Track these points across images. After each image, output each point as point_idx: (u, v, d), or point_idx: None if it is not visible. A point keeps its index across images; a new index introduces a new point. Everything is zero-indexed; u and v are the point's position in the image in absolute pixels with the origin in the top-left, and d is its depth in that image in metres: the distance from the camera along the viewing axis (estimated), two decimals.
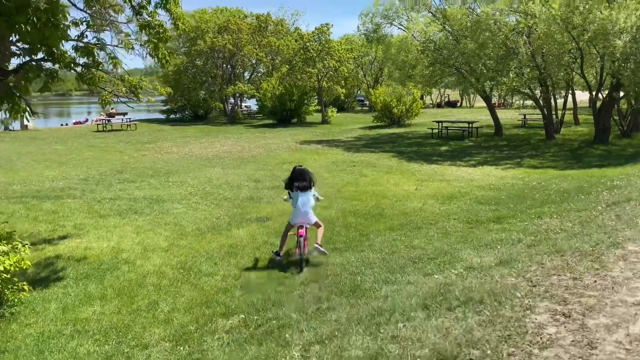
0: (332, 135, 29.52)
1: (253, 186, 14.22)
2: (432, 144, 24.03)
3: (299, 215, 7.88)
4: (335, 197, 12.84)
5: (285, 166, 17.61)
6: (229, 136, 28.88)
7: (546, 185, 13.50)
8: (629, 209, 7.29)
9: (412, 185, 14.50)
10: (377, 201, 12.36)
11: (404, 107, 34.05)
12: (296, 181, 7.95)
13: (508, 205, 11.20)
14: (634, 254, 5.00)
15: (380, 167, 17.76)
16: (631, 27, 16.64)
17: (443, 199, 12.56)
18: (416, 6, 24.49)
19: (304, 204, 7.87)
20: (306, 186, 7.92)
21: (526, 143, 23.59)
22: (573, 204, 9.81)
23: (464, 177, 15.81)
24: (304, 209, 7.86)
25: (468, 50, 20.76)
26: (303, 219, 7.89)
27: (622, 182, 11.42)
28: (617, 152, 19.45)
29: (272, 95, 36.80)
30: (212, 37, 38.23)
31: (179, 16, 7.17)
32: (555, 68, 20.75)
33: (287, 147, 23.49)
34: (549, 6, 18.09)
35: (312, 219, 8.00)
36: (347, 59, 36.95)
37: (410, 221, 10.30)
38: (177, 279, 7.35)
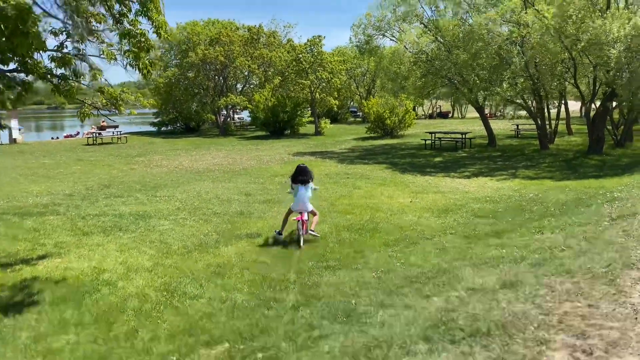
0: (326, 146, 29.21)
1: (244, 200, 13.80)
2: (425, 155, 23.75)
3: (299, 203, 9.81)
4: (329, 211, 12.45)
5: (277, 179, 17.25)
6: (220, 148, 28.48)
7: (544, 197, 13.19)
8: (636, 223, 6.96)
9: (406, 197, 14.15)
10: (371, 215, 11.99)
11: (396, 119, 33.86)
12: (299, 175, 9.89)
13: (506, 219, 10.86)
14: None
15: (374, 179, 17.42)
16: (625, 36, 16.48)
17: (439, 212, 12.21)
18: (408, 17, 24.32)
19: (303, 194, 9.81)
20: (306, 180, 9.87)
21: (520, 153, 23.36)
22: (574, 217, 9.47)
23: (459, 188, 15.49)
24: (303, 199, 9.78)
25: (460, 60, 20.55)
26: (302, 206, 9.81)
27: (623, 193, 11.12)
28: (612, 162, 19.23)
29: (265, 107, 36.50)
30: (204, 49, 37.96)
31: (161, 24, 6.80)
32: (548, 78, 20.58)
33: (279, 159, 23.12)
34: (542, 16, 17.93)
35: (309, 207, 9.90)
36: (340, 71, 36.77)
37: (406, 236, 9.92)
38: (160, 302, 6.91)
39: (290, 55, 36.59)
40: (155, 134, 41.03)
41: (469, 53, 19.66)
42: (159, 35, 6.95)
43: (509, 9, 18.49)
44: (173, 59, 43.74)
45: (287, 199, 13.83)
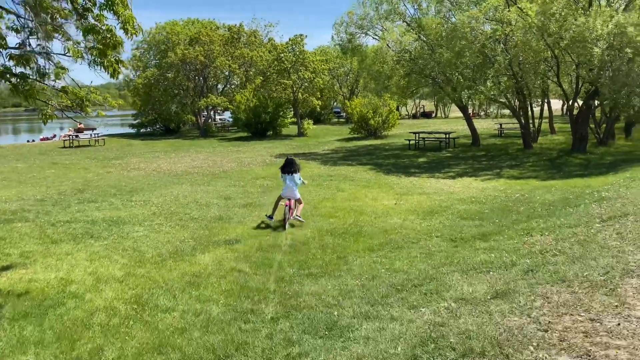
0: (309, 148, 28.82)
1: (223, 204, 13.34)
2: (409, 156, 23.50)
3: (287, 191, 11.13)
4: (312, 214, 12.06)
5: (259, 182, 16.81)
6: (200, 150, 27.91)
7: (530, 197, 12.97)
8: (629, 225, 6.70)
9: (391, 199, 13.83)
10: (355, 218, 11.63)
11: (380, 119, 33.61)
12: (287, 167, 11.21)
13: (493, 220, 10.58)
14: None
15: (358, 180, 17.08)
16: (608, 34, 16.38)
17: (424, 214, 11.90)
18: (391, 16, 24.05)
19: (291, 184, 11.09)
20: (293, 171, 11.18)
21: (504, 153, 23.24)
22: (563, 218, 9.22)
23: (444, 189, 15.23)
24: (291, 187, 11.08)
25: (444, 59, 20.33)
26: (290, 194, 11.12)
27: (610, 193, 10.92)
28: (596, 161, 19.17)
29: (246, 108, 35.97)
30: (183, 49, 37.29)
31: (128, 19, 6.34)
32: (531, 76, 20.46)
33: (261, 161, 22.66)
34: (525, 14, 17.76)
35: (296, 195, 11.21)
36: (322, 70, 36.39)
37: (391, 240, 9.58)
38: (129, 316, 6.44)
39: (271, 55, 36.11)
40: (134, 136, 40.20)
41: (452, 52, 19.44)
42: (125, 31, 6.49)
43: (491, 7, 18.31)
44: (152, 59, 42.93)
45: (268, 203, 13.44)
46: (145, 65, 42.45)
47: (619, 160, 18.78)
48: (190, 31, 40.21)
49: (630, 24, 16.11)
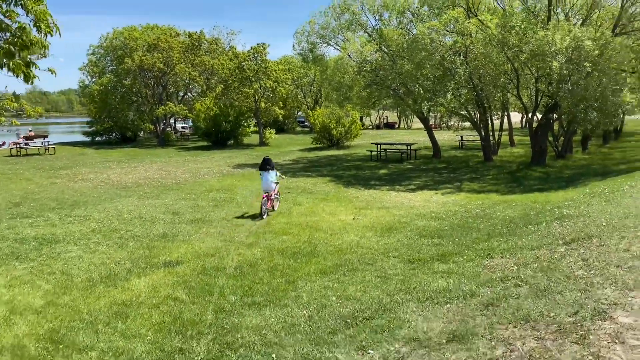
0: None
1: (170, 220, 12.46)
2: (370, 167, 23.06)
3: (265, 185, 13.17)
4: (264, 231, 11.35)
5: (212, 194, 15.97)
6: (155, 160, 26.77)
7: (490, 213, 12.62)
8: (594, 249, 6.28)
9: (349, 214, 13.25)
10: (310, 235, 10.98)
11: (343, 129, 33.20)
12: (264, 164, 13.35)
13: (452, 239, 10.11)
14: (630, 331, 3.82)
15: (317, 193, 16.46)
16: (566, 48, 16.37)
17: (382, 230, 11.35)
18: (352, 26, 23.69)
19: (267, 179, 13.16)
20: (270, 168, 13.30)
21: (465, 165, 23.09)
22: (524, 238, 8.80)
23: (404, 203, 14.76)
24: (268, 182, 13.13)
25: (405, 70, 20.02)
26: (267, 187, 13.13)
27: (571, 210, 10.63)
28: (555, 175, 19.15)
29: (206, 116, 34.97)
30: (141, 55, 36.02)
31: (40, 15, 5.54)
32: (491, 89, 20.38)
33: (218, 171, 21.78)
34: (485, 26, 17.63)
35: (272, 187, 13.30)
36: (285, 80, 35.77)
37: (346, 261, 8.96)
38: (39, 357, 5.58)
39: (232, 63, 35.27)
40: (88, 145, 38.51)
41: (412, 63, 19.15)
42: (38, 29, 5.66)
43: (452, 19, 18.12)
44: (109, 65, 41.40)
45: (218, 218, 12.65)
46: (101, 71, 40.87)
47: (577, 173, 18.80)
48: (149, 37, 38.94)
49: (587, 38, 16.15)
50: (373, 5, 22.57)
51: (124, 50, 38.24)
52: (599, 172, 18.40)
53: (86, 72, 42.86)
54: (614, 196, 11.24)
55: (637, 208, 8.72)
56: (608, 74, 17.03)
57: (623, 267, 5.35)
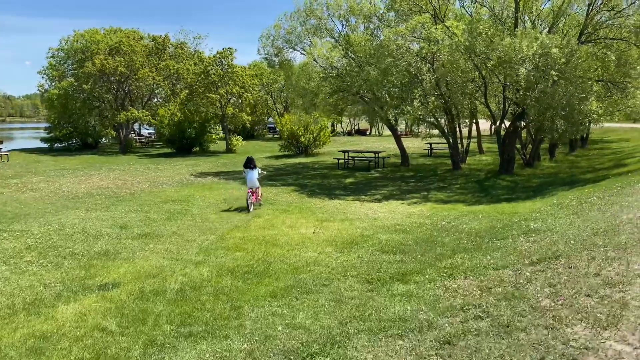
0: (235, 165, 27.18)
1: (115, 235, 11.56)
2: (337, 176, 22.46)
3: (250, 182, 14.60)
4: (216, 247, 10.58)
5: (167, 206, 15.08)
6: (114, 168, 25.60)
7: (456, 225, 12.12)
8: (562, 272, 5.75)
9: (310, 227, 12.58)
10: (265, 251, 10.27)
11: (311, 136, 32.60)
12: (249, 163, 14.81)
13: (415, 255, 9.53)
14: None
15: (279, 204, 15.74)
16: (533, 55, 16.11)
17: (343, 245, 10.71)
18: (319, 31, 23.12)
19: (252, 176, 14.61)
20: (253, 166, 14.76)
21: (433, 174, 22.72)
22: (489, 254, 8.28)
23: (368, 215, 14.18)
24: (252, 179, 14.58)
25: (371, 77, 19.52)
26: (252, 184, 14.57)
27: (538, 223, 10.19)
28: (523, 183, 18.89)
29: (170, 122, 33.89)
30: (103, 59, 34.70)
31: None
32: (459, 97, 20.05)
33: (177, 180, 20.83)
34: (452, 32, 17.27)
35: (257, 184, 14.72)
36: (251, 85, 34.98)
37: (300, 282, 8.27)
38: None
39: (198, 68, 34.31)
40: (47, 152, 36.90)
41: (378, 69, 18.67)
42: None
43: (418, 24, 17.72)
44: (69, 69, 39.89)
45: (168, 233, 11.80)
46: (61, 75, 39.33)
47: (545, 183, 18.58)
48: (112, 40, 37.64)
49: (554, 46, 15.92)
50: (338, 10, 22.05)
51: (84, 53, 36.87)
52: (566, 181, 18.21)
53: (45, 75, 41.30)
54: (581, 208, 10.87)
55: (605, 223, 8.29)
56: (574, 82, 16.85)
57: (594, 296, 4.82)
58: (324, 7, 22.07)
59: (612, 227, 7.78)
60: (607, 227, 7.89)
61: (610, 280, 5.15)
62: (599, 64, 17.61)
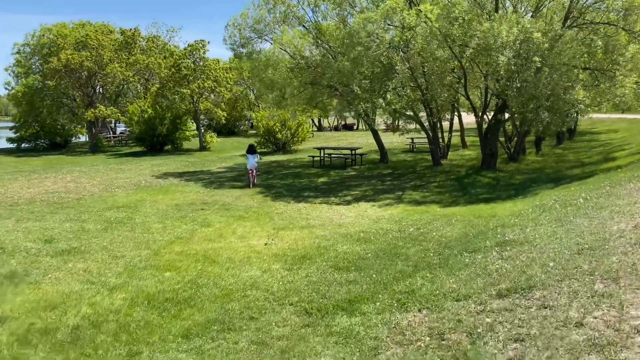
0: (204, 165, 25.67)
1: (35, 251, 10.05)
2: (310, 175, 21.00)
3: (250, 165, 17.98)
4: (144, 266, 9.12)
5: (109, 214, 13.55)
6: (74, 169, 23.96)
7: (426, 232, 10.73)
8: (534, 314, 4.33)
9: (263, 237, 11.15)
10: (201, 270, 8.84)
11: (289, 132, 31.07)
12: (250, 149, 18.43)
13: (372, 272, 8.13)
14: None
15: (236, 209, 14.27)
16: (514, 41, 14.71)
17: (293, 260, 9.30)
18: (288, 19, 21.56)
19: (252, 160, 18.01)
20: (254, 151, 18.46)
21: (412, 171, 21.32)
22: (454, 274, 6.90)
23: (333, 220, 12.76)
24: (252, 162, 17.97)
25: (343, 68, 18.03)
26: (251, 167, 17.95)
27: (515, 231, 8.81)
28: (505, 180, 17.55)
29: (140, 119, 32.24)
30: (69, 54, 32.87)
31: None
32: (437, 88, 18.62)
33: (135, 183, 19.26)
34: (425, 17, 15.82)
35: (256, 166, 18.27)
36: (225, 79, 33.34)
37: (226, 313, 6.86)
38: None
39: (167, 61, 32.64)
40: (12, 152, 35.12)
41: (348, 59, 17.20)
42: None
43: (390, 10, 16.22)
44: (36, 65, 38.06)
45: (97, 248, 10.30)
46: (26, 72, 37.50)
47: (528, 179, 17.24)
48: (81, 34, 35.82)
49: (536, 30, 14.53)
50: None
51: (49, 48, 35.07)
52: (551, 178, 16.89)
53: (12, 72, 39.47)
54: (565, 213, 9.50)
55: (592, 235, 6.92)
56: (559, 70, 15.48)
57: None
58: None
59: (600, 242, 6.41)
60: (594, 242, 6.52)
61: (598, 337, 3.77)
62: (585, 50, 16.24)
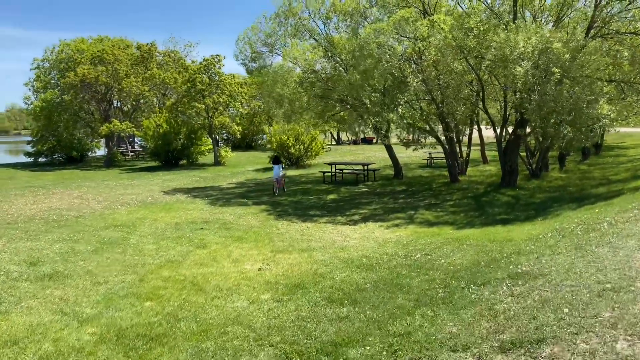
0: (215, 180, 25.19)
1: (16, 275, 9.51)
2: (320, 191, 20.26)
3: (275, 175, 19.62)
4: (125, 294, 8.47)
5: (105, 233, 13.02)
6: (84, 185, 23.70)
7: (433, 258, 9.86)
8: None
9: (259, 261, 10.44)
10: (184, 299, 8.15)
11: (302, 147, 30.48)
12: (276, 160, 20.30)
13: (367, 307, 7.33)
14: None
15: (236, 229, 13.60)
16: (532, 51, 13.82)
17: (286, 289, 8.54)
18: (299, 32, 21.04)
19: (277, 170, 19.56)
20: (278, 162, 20.10)
21: (427, 188, 20.40)
22: (457, 314, 6.06)
23: (336, 242, 11.98)
24: (277, 172, 19.52)
25: (354, 80, 17.34)
26: (276, 177, 19.53)
27: (530, 261, 7.91)
28: (525, 199, 16.53)
29: (155, 134, 32.05)
30: (86, 69, 33.02)
31: None
32: (453, 102, 17.75)
33: (141, 199, 18.80)
34: (439, 27, 15.04)
35: (280, 175, 19.63)
36: (240, 94, 33.00)
37: (198, 354, 6.17)
38: None
39: (182, 76, 32.47)
40: (29, 166, 35.29)
41: (358, 72, 16.50)
42: None
43: (401, 19, 15.50)
44: (54, 80, 38.40)
45: (81, 272, 9.70)
46: (45, 87, 37.85)
47: (550, 198, 16.19)
48: (97, 49, 36.03)
49: (557, 40, 13.62)
50: (319, 8, 19.94)
51: (67, 63, 35.34)
52: (575, 197, 15.81)
53: (32, 87, 39.90)
54: (588, 240, 8.55)
55: (616, 272, 6.00)
56: (581, 83, 14.49)
57: None
58: (304, 5, 19.97)
59: (625, 282, 5.51)
60: (618, 281, 5.61)
61: None
62: (609, 62, 15.21)
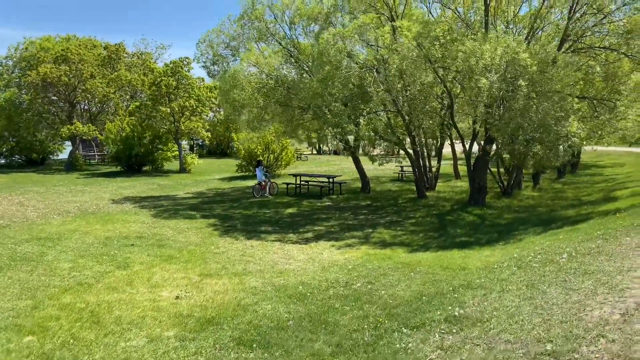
0: (173, 189, 23.88)
1: None
2: (279, 204, 19.10)
3: (258, 177, 20.71)
4: (5, 327, 7.22)
5: (21, 247, 11.71)
6: (32, 189, 22.21)
7: (375, 288, 8.76)
8: None
9: (180, 286, 9.23)
10: (71, 335, 6.93)
11: (272, 156, 29.32)
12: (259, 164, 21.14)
13: (275, 358, 6.16)
14: None
15: (170, 246, 12.37)
16: (499, 63, 12.89)
17: (195, 325, 7.37)
18: (264, 36, 19.95)
19: (260, 172, 20.58)
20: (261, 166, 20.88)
21: (393, 203, 19.38)
22: None
23: (277, 265, 10.83)
24: (260, 175, 20.55)
25: (315, 88, 16.28)
26: (259, 179, 20.57)
27: (475, 300, 6.84)
28: (491, 220, 15.58)
29: (116, 138, 30.61)
30: (48, 68, 31.50)
31: None
32: (420, 114, 16.78)
33: (83, 208, 17.45)
34: (403, 34, 14.06)
35: (263, 179, 20.55)
36: (208, 98, 31.75)
37: None
38: None
39: (148, 79, 31.15)
40: None
41: (317, 79, 15.46)
42: None
43: (362, 25, 14.51)
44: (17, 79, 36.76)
45: None
46: (7, 85, 36.19)
47: (517, 219, 15.26)
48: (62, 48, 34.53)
49: (523, 50, 12.73)
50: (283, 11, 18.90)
51: (29, 62, 33.80)
52: (543, 219, 14.90)
53: None
54: (542, 275, 7.53)
55: (562, 325, 4.94)
56: (551, 98, 13.60)
57: None
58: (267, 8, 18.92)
59: (569, 345, 4.45)
60: (561, 341, 4.55)
61: None
62: (581, 77, 14.38)
